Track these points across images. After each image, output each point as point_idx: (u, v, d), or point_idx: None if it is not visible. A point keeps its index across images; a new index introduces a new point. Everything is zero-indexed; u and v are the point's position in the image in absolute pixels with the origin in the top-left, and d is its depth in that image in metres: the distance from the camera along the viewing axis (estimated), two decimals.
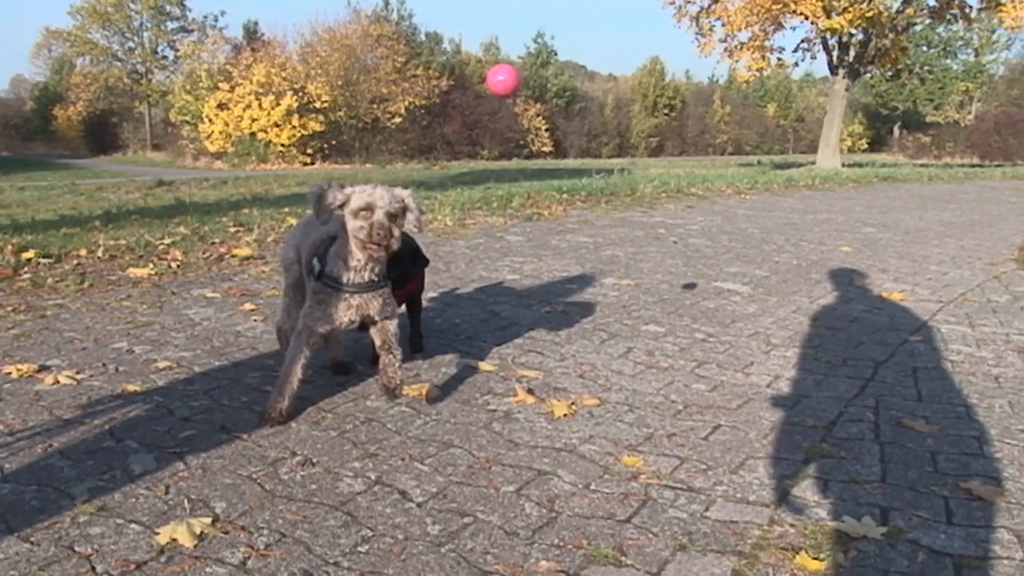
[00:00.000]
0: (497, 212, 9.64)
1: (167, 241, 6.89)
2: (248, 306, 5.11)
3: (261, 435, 3.14)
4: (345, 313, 3.19)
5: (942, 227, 10.65)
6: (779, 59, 31.43)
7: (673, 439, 3.28)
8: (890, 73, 52.82)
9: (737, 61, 30.90)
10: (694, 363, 4.33)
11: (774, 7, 27.45)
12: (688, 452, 3.16)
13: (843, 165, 27.73)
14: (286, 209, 9.55)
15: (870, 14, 26.71)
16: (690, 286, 6.30)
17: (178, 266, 6.15)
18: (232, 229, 7.70)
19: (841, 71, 30.06)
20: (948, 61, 62.83)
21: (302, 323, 3.22)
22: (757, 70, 30.92)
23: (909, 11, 29.37)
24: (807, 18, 27.95)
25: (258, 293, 5.48)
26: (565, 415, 3.48)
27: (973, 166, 33.68)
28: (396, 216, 3.04)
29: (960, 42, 61.48)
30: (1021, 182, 21.59)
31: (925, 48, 59.30)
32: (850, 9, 26.39)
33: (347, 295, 3.17)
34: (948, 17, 30.97)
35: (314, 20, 65.78)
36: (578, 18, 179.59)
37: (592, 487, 2.83)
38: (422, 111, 48.08)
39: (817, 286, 6.54)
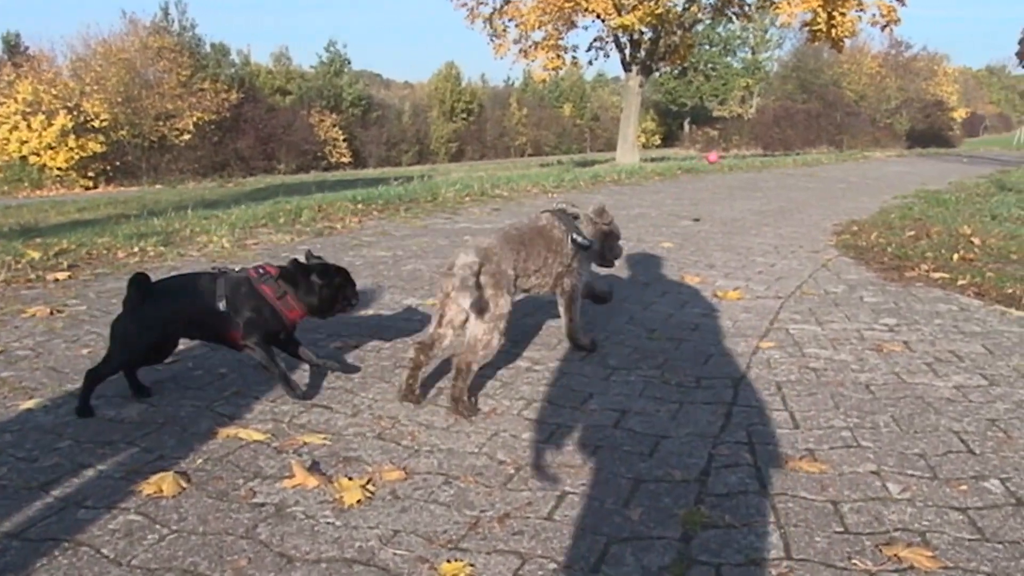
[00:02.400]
0: (284, 228, 8.48)
1: None
2: None
3: None
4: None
5: (755, 216, 10.38)
6: (574, 58, 31.46)
7: (507, 523, 2.42)
8: (678, 71, 54.96)
9: (532, 61, 30.58)
10: (522, 402, 3.47)
11: (566, 6, 27.33)
12: (530, 543, 2.30)
13: (642, 160, 28.01)
14: (38, 240, 8.00)
15: (658, 11, 27.08)
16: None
17: None
18: None
19: (634, 68, 30.38)
20: (729, 59, 65.87)
21: (585, 277, 4.10)
22: (553, 69, 30.73)
23: (694, 8, 30.10)
24: (599, 16, 28.04)
25: None
26: (359, 502, 2.54)
27: (764, 156, 35.14)
28: None
29: (738, 41, 64.63)
30: (812, 168, 22.37)
31: (708, 47, 61.75)
32: (639, 7, 26.64)
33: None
34: (729, 15, 32.00)
35: (86, 32, 60.43)
36: (371, 27, 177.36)
37: None
38: (212, 127, 45.27)
39: (646, 289, 5.88)
